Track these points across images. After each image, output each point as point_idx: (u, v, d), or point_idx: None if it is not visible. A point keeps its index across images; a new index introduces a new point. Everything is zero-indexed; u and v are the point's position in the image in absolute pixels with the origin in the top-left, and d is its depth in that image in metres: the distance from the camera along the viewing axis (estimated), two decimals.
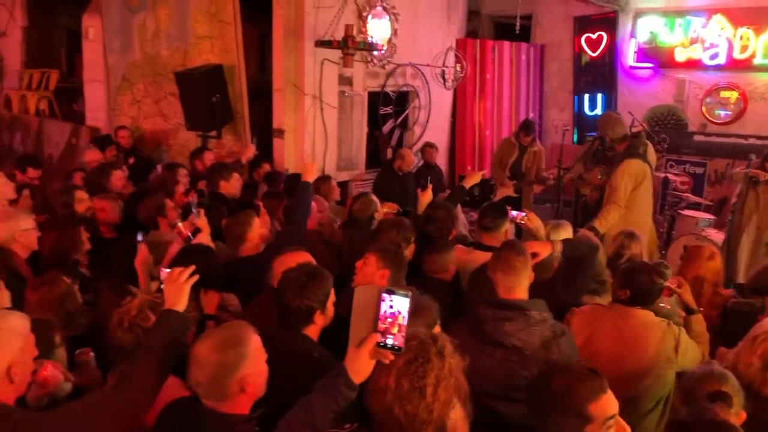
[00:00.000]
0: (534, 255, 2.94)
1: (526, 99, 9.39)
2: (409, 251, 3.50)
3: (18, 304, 2.81)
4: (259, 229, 3.74)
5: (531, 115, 9.25)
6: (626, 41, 8.81)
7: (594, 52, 9.07)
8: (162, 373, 1.98)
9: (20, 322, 1.95)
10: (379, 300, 1.71)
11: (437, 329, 2.25)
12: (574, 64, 9.32)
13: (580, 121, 9.32)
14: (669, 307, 3.24)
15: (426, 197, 4.51)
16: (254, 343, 1.94)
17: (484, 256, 3.48)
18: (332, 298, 2.53)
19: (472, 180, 4.69)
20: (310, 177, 4.01)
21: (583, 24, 9.11)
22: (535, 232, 3.81)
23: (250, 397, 1.92)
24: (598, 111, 9.00)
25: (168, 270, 2.25)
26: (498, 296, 2.63)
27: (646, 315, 2.90)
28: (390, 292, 1.71)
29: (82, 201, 4.32)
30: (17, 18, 9.51)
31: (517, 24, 7.38)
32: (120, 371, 1.99)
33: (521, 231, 4.15)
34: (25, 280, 3.26)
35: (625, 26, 8.81)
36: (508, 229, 3.83)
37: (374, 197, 4.44)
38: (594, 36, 9.02)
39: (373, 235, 3.69)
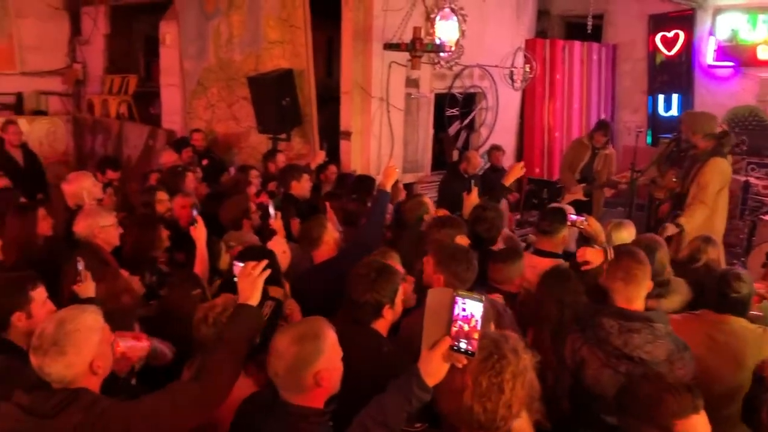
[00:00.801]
0: (585, 263, 2.86)
1: (598, 100, 9.16)
2: None
3: None
4: (334, 232, 3.77)
5: (603, 116, 9.01)
6: (704, 39, 8.46)
7: (670, 51, 8.75)
8: (237, 365, 2.06)
9: (93, 317, 2.02)
10: (453, 303, 1.71)
11: None
12: (649, 63, 9.02)
13: (655, 122, 9.01)
14: (761, 314, 3.09)
15: (471, 200, 4.45)
16: (331, 338, 1.98)
17: (543, 262, 3.43)
18: (401, 293, 2.54)
19: (513, 175, 4.57)
20: (389, 184, 3.87)
21: (658, 22, 8.81)
22: (594, 236, 3.71)
23: (325, 392, 1.95)
24: (674, 112, 8.68)
25: (241, 264, 2.31)
26: (617, 306, 2.52)
27: (739, 321, 2.77)
28: (463, 296, 1.71)
29: (162, 201, 4.50)
30: (100, 26, 10.00)
31: (589, 23, 7.20)
32: (198, 364, 2.07)
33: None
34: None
35: (703, 24, 8.46)
36: (566, 235, 3.74)
37: (427, 200, 4.41)
38: (670, 34, 8.71)
39: (420, 234, 3.68)
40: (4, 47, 9.84)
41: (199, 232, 3.62)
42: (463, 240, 3.44)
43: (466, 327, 1.70)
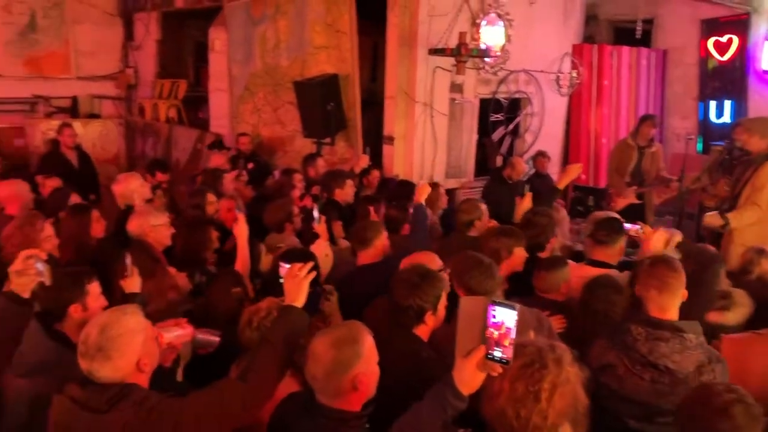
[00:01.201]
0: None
1: (646, 106, 8.95)
2: (513, 261, 3.41)
3: None
4: (385, 239, 3.77)
5: None
6: (760, 44, 8.19)
7: (723, 56, 8.50)
8: (283, 365, 2.09)
9: (135, 319, 2.05)
10: (487, 311, 1.70)
11: None
12: (700, 69, 8.78)
13: (706, 129, 8.75)
14: None
15: (524, 205, 4.39)
16: (368, 343, 1.99)
17: (596, 273, 3.34)
18: (444, 301, 2.53)
19: (568, 177, 4.48)
20: (422, 197, 4.02)
21: (711, 27, 8.57)
22: (652, 246, 3.62)
23: (362, 396, 1.97)
24: (726, 119, 8.42)
25: (288, 266, 2.34)
26: (648, 315, 2.49)
27: None
28: (497, 304, 1.70)
29: (212, 203, 4.59)
30: (152, 32, 10.28)
31: (638, 28, 7.07)
32: (245, 364, 2.10)
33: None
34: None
35: (758, 28, 8.19)
36: (623, 245, 3.66)
37: (484, 207, 4.38)
38: (723, 39, 8.45)
39: (470, 239, 3.65)
40: (61, 53, 10.22)
41: (241, 230, 3.69)
42: (521, 252, 3.41)
43: (501, 335, 1.69)
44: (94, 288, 2.64)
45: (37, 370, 2.39)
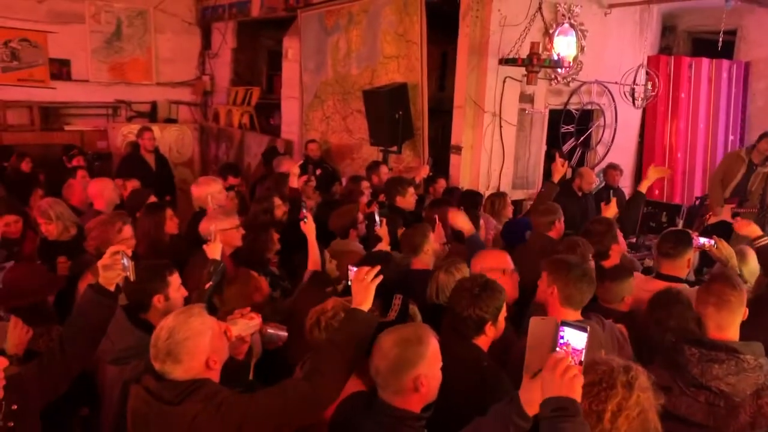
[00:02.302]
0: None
1: (726, 120, 8.61)
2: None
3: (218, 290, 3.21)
4: (434, 243, 3.81)
5: (731, 137, 8.47)
6: None
7: None
8: (348, 368, 2.11)
9: (200, 320, 2.11)
10: (557, 332, 1.68)
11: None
12: None
13: None
14: None
15: (611, 211, 4.31)
16: (433, 346, 2.01)
17: (663, 287, 3.26)
18: (504, 311, 2.52)
19: (650, 178, 4.33)
20: (467, 229, 3.98)
21: None
22: (725, 262, 3.50)
23: (423, 398, 1.98)
24: None
25: (355, 269, 2.37)
26: (707, 333, 2.41)
27: None
28: (567, 325, 1.68)
29: (278, 206, 4.71)
30: (228, 41, 10.64)
31: (720, 39, 6.81)
32: (310, 364, 2.14)
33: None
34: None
35: None
36: (691, 258, 3.55)
37: (559, 207, 4.34)
38: None
39: (551, 242, 3.60)
40: (144, 60, 10.70)
41: (309, 228, 3.80)
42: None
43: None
44: (175, 279, 2.80)
45: (127, 356, 2.55)
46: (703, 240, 3.59)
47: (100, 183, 5.10)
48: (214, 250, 3.26)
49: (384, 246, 3.95)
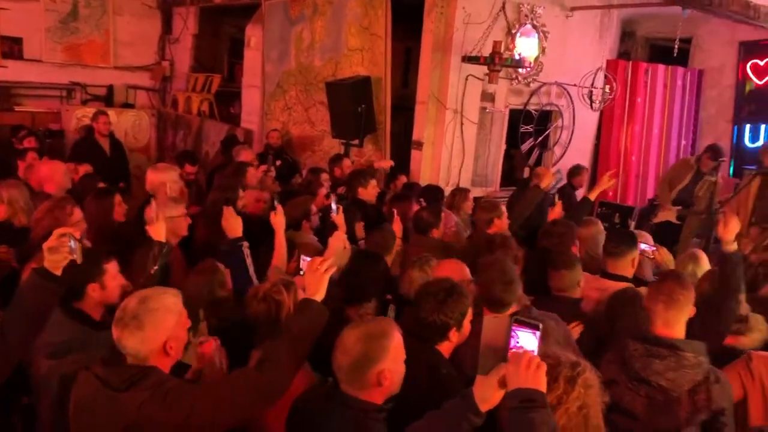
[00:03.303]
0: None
1: (679, 126, 8.85)
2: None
3: (163, 282, 3.08)
4: (397, 247, 3.78)
5: (684, 142, 8.72)
6: None
7: (761, 79, 8.37)
8: (299, 359, 2.10)
9: (173, 299, 2.12)
10: (510, 331, 1.71)
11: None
12: (736, 91, 8.65)
13: (739, 152, 8.62)
14: None
15: (556, 214, 4.39)
16: (396, 340, 2.01)
17: (610, 285, 3.38)
18: (469, 316, 2.51)
19: (599, 187, 4.42)
20: None
21: (749, 49, 8.45)
22: (664, 267, 3.61)
23: (386, 391, 1.99)
24: (761, 143, 8.30)
25: (309, 259, 2.36)
26: (654, 330, 2.49)
27: None
28: (521, 323, 1.71)
29: (243, 197, 4.62)
30: (189, 26, 10.44)
31: (676, 47, 6.99)
32: (261, 354, 2.12)
33: None
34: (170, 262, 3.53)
35: None
36: (636, 258, 3.64)
37: (503, 206, 4.39)
38: (762, 62, 8.34)
39: (480, 249, 3.65)
40: (101, 42, 10.42)
41: (278, 220, 3.69)
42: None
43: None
44: (113, 267, 2.71)
45: (64, 350, 2.45)
46: (644, 246, 3.69)
47: (51, 166, 4.92)
48: (158, 231, 3.09)
49: (340, 234, 3.88)
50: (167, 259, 3.11)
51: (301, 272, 2.40)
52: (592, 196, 4.39)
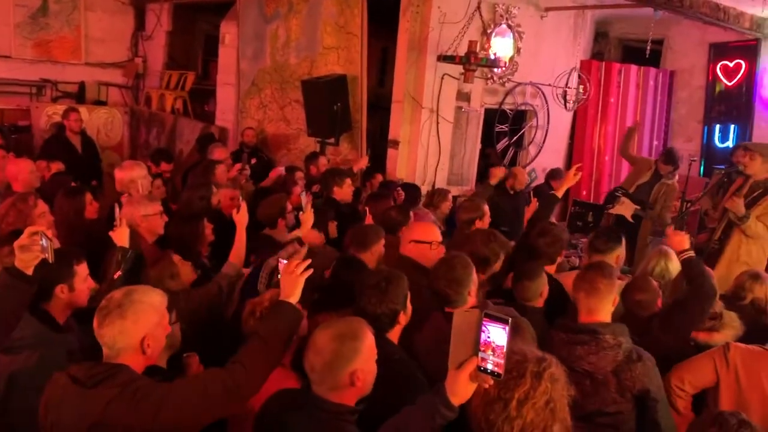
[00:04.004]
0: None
1: (651, 126, 8.99)
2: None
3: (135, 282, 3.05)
4: (381, 247, 3.74)
5: (656, 142, 8.85)
6: (767, 71, 8.24)
7: (730, 81, 8.54)
8: (272, 360, 2.08)
9: (159, 299, 2.12)
10: (480, 324, 1.71)
11: None
12: (707, 92, 8.82)
13: (709, 152, 8.79)
14: None
15: (530, 212, 4.42)
16: (369, 340, 2.00)
17: None
18: (408, 294, 2.54)
19: (566, 183, 4.46)
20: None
21: (719, 51, 8.61)
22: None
23: (358, 392, 1.98)
24: (730, 143, 8.46)
25: (285, 261, 2.35)
26: (579, 318, 2.60)
27: None
28: (490, 317, 1.71)
29: (216, 194, 4.58)
30: (163, 23, 10.31)
31: (648, 48, 7.10)
32: (234, 355, 2.10)
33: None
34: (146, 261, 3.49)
35: (767, 55, 8.23)
36: (621, 255, 3.69)
37: (486, 206, 4.40)
38: (731, 64, 8.50)
39: (461, 241, 3.65)
40: (72, 38, 10.24)
41: (241, 217, 3.68)
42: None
43: (493, 348, 1.70)
44: (82, 269, 2.65)
45: (19, 347, 2.40)
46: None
47: (18, 164, 4.82)
48: (122, 236, 3.03)
49: (305, 229, 3.80)
50: (131, 264, 3.02)
51: (278, 275, 2.38)
52: (560, 193, 4.41)
